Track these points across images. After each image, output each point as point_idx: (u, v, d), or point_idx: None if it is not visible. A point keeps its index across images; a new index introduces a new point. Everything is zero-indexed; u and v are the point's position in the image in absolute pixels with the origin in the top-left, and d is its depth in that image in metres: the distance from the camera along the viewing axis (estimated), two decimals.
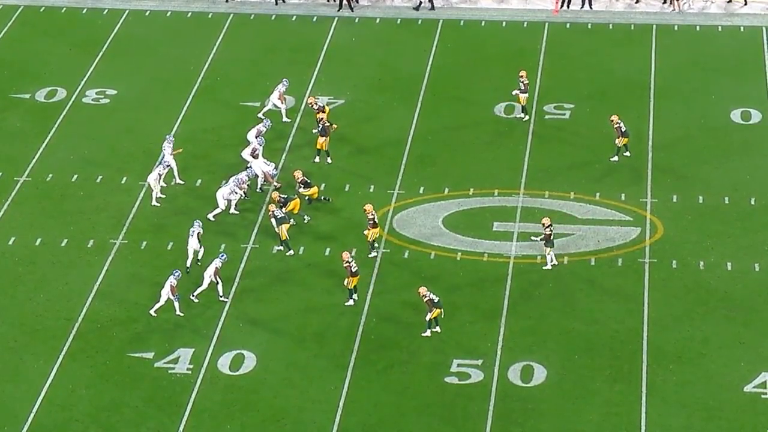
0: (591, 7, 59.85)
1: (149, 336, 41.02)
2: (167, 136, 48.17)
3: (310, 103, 50.31)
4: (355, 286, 41.94)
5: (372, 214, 43.57)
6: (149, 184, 46.82)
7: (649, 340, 40.56)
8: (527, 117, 51.50)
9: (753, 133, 50.57)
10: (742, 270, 43.42)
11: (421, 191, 47.54)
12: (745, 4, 59.39)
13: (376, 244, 43.90)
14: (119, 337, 41.05)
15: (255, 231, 45.63)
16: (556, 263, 43.64)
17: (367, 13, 59.84)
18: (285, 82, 51.27)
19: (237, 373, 39.77)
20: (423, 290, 40.28)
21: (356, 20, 59.34)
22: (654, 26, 58.32)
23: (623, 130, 48.12)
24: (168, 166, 47.23)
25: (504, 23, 58.99)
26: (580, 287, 42.68)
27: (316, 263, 44.02)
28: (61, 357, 40.26)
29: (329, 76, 54.88)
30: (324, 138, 48.84)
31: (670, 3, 59.49)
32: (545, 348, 40.20)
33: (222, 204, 45.95)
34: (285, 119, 51.29)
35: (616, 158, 48.58)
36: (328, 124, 49.12)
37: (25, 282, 43.53)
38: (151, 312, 41.52)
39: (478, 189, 47.65)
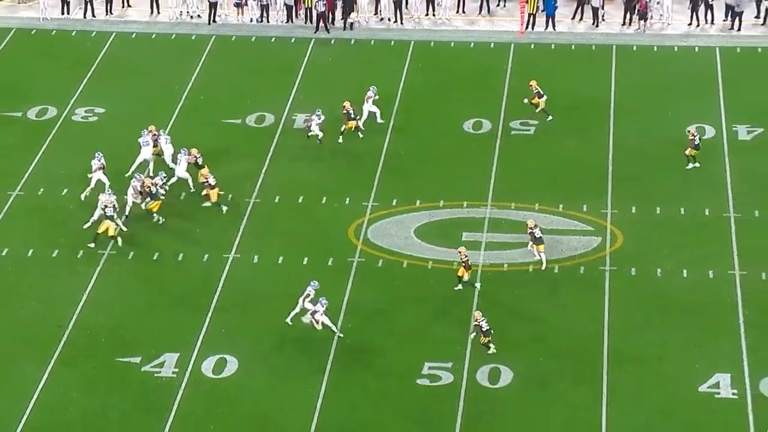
0: (554, 29, 60.12)
1: (136, 342, 41.04)
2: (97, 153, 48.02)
3: (345, 108, 51.15)
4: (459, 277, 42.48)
5: (465, 257, 42.62)
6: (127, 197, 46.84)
7: (610, 344, 40.73)
8: (550, 117, 52.35)
9: (707, 147, 50.70)
10: (697, 277, 43.64)
11: (394, 203, 47.69)
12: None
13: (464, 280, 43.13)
14: (107, 343, 41.07)
15: (236, 242, 45.73)
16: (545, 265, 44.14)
17: (343, 35, 60.00)
18: (373, 89, 52.00)
19: (220, 377, 39.84)
20: (477, 314, 39.91)
21: (332, 41, 59.50)
22: (614, 47, 58.59)
23: (696, 143, 48.63)
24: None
25: (472, 44, 59.21)
26: (544, 294, 42.86)
27: (295, 273, 44.07)
28: (52, 362, 40.26)
29: (307, 95, 55.00)
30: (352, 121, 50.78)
31: (636, 22, 59.65)
32: (511, 351, 40.33)
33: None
34: (379, 120, 51.99)
35: (690, 166, 49.08)
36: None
37: (17, 291, 43.52)
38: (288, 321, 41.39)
39: (448, 201, 47.79)
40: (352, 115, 51.22)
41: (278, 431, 37.79)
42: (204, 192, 47.22)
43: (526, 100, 52.58)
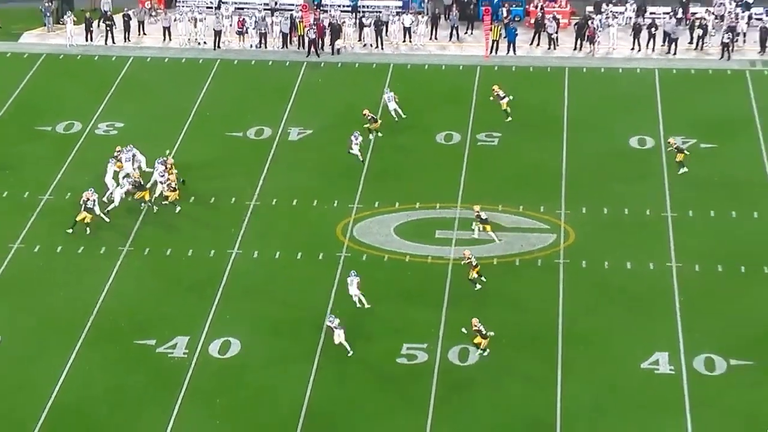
0: (515, 53, 60.10)
1: (151, 326, 40.92)
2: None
3: (365, 114, 51.97)
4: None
5: (468, 258, 42.30)
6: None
7: (564, 326, 40.71)
8: (510, 118, 52.98)
9: (647, 156, 50.82)
10: (639, 269, 43.63)
11: (376, 205, 47.58)
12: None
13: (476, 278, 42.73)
14: (126, 327, 40.97)
15: (239, 239, 45.59)
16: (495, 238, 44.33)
17: (331, 59, 59.89)
18: (388, 91, 53.37)
19: (225, 357, 39.74)
20: (475, 321, 39.26)
21: (322, 65, 59.38)
22: (566, 69, 58.57)
23: (680, 149, 48.81)
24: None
25: (444, 66, 59.13)
26: (507, 283, 42.81)
27: (291, 267, 43.96)
28: (78, 345, 40.15)
29: (300, 111, 54.88)
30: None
31: (586, 46, 59.72)
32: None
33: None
34: (402, 116, 52.76)
35: (681, 171, 48.95)
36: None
37: (47, 282, 43.39)
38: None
39: (423, 203, 47.71)
40: (376, 118, 51.91)
41: (276, 404, 37.71)
42: (166, 192, 47.19)
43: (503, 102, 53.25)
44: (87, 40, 61.47)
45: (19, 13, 64.23)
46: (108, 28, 61.09)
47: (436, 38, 61.86)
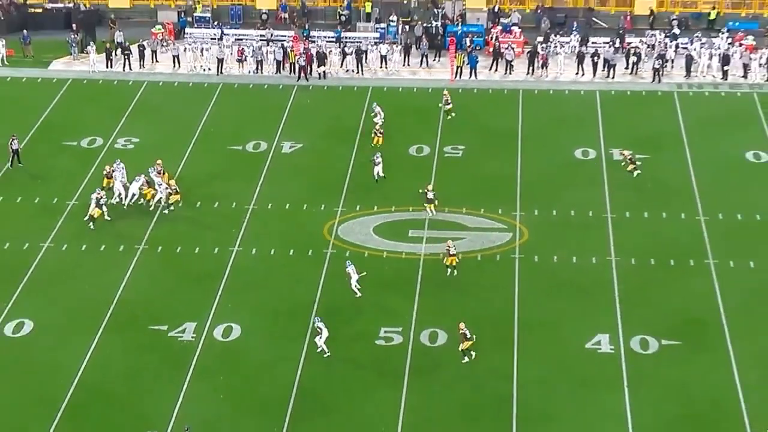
0: (476, 77, 60.11)
1: (163, 314, 40.80)
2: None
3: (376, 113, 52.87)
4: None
5: (448, 247, 42.23)
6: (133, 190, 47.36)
7: (519, 313, 40.74)
8: (453, 114, 54.11)
9: (590, 165, 50.82)
10: (583, 263, 43.68)
11: (357, 209, 47.50)
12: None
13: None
14: (142, 315, 40.84)
15: (239, 238, 45.49)
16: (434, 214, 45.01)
17: (318, 82, 59.75)
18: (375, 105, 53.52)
19: (227, 340, 39.68)
20: (462, 326, 38.50)
21: (310, 88, 59.24)
22: (520, 90, 58.49)
23: (631, 159, 48.54)
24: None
25: (415, 89, 59.03)
26: (470, 276, 42.77)
27: (284, 264, 43.87)
28: (100, 331, 40.02)
29: (291, 128, 54.73)
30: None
31: (537, 70, 59.75)
32: (446, 319, 40.24)
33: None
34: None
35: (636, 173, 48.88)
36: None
37: (74, 277, 43.21)
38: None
39: (398, 207, 47.65)
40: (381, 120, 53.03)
41: (271, 381, 37.65)
42: (167, 194, 47.25)
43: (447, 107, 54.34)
44: (107, 67, 61.25)
45: (48, 44, 63.93)
46: (125, 57, 60.90)
47: (408, 65, 61.84)
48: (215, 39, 63.87)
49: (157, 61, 62.43)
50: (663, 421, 35.75)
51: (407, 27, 65.07)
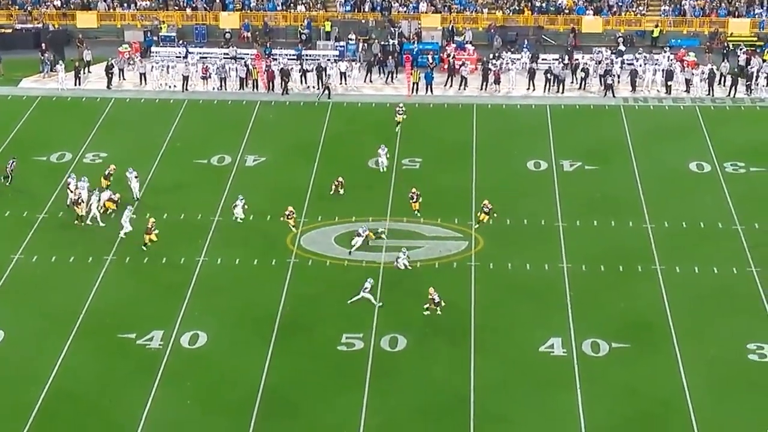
0: (432, 92, 60.20)
1: (132, 322, 40.40)
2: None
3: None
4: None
5: (433, 296, 40.72)
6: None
7: (475, 317, 40.70)
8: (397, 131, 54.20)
9: (541, 176, 51.01)
10: (536, 270, 43.74)
11: (319, 219, 47.33)
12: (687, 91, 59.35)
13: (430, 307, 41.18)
14: (111, 323, 40.43)
15: (205, 248, 45.18)
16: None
17: (280, 98, 59.62)
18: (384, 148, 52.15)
19: (194, 347, 39.35)
20: (431, 290, 39.58)
21: (272, 103, 59.09)
22: (474, 105, 58.72)
23: (487, 210, 46.11)
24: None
25: (374, 104, 59.09)
26: (428, 282, 42.54)
27: (248, 273, 43.58)
28: (70, 338, 39.58)
29: (255, 142, 54.54)
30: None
31: (491, 86, 59.92)
32: (406, 324, 40.20)
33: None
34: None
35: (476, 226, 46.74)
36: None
37: (44, 287, 42.75)
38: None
39: (358, 217, 47.53)
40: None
41: (237, 385, 37.37)
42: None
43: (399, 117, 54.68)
44: (75, 85, 60.81)
45: (18, 63, 63.47)
46: (109, 75, 60.14)
47: (371, 81, 61.77)
48: (180, 57, 63.56)
49: (124, 78, 62.03)
50: (614, 421, 35.80)
51: (366, 45, 65.07)
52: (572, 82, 60.90)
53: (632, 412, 36.13)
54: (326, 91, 59.13)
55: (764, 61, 61.93)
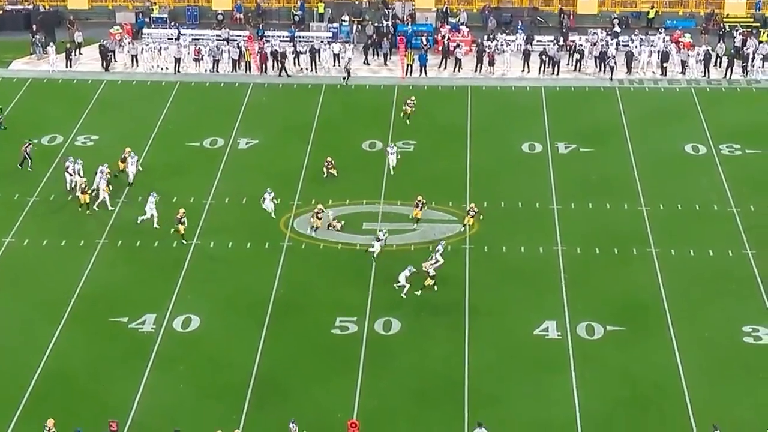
0: (426, 75, 60.01)
1: (124, 306, 40.33)
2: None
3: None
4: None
5: (428, 270, 41.14)
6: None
7: (470, 301, 40.69)
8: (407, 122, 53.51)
9: (536, 159, 50.94)
10: (531, 252, 43.72)
11: (313, 202, 47.12)
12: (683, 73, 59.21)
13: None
14: (103, 307, 40.35)
15: (197, 232, 45.06)
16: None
17: (273, 80, 59.41)
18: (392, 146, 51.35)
19: (186, 331, 39.29)
20: (425, 265, 40.60)
21: (265, 85, 58.89)
22: (469, 87, 58.56)
23: (472, 213, 45.38)
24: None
25: (367, 86, 58.85)
26: (422, 265, 42.58)
27: (241, 256, 43.47)
28: (62, 322, 39.50)
29: (247, 124, 54.38)
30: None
31: (485, 68, 59.77)
32: (400, 307, 40.18)
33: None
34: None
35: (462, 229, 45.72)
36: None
37: (36, 271, 42.63)
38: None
39: (352, 200, 47.47)
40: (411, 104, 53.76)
41: (229, 369, 37.34)
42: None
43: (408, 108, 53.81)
44: (67, 67, 60.53)
45: (8, 45, 63.17)
46: (106, 60, 59.87)
47: (367, 63, 61.52)
48: (172, 39, 63.27)
49: (115, 60, 61.75)
50: (608, 404, 35.83)
51: (359, 26, 64.84)
52: (568, 64, 60.71)
53: (627, 395, 36.17)
54: (348, 75, 58.84)
55: (760, 42, 61.79)
